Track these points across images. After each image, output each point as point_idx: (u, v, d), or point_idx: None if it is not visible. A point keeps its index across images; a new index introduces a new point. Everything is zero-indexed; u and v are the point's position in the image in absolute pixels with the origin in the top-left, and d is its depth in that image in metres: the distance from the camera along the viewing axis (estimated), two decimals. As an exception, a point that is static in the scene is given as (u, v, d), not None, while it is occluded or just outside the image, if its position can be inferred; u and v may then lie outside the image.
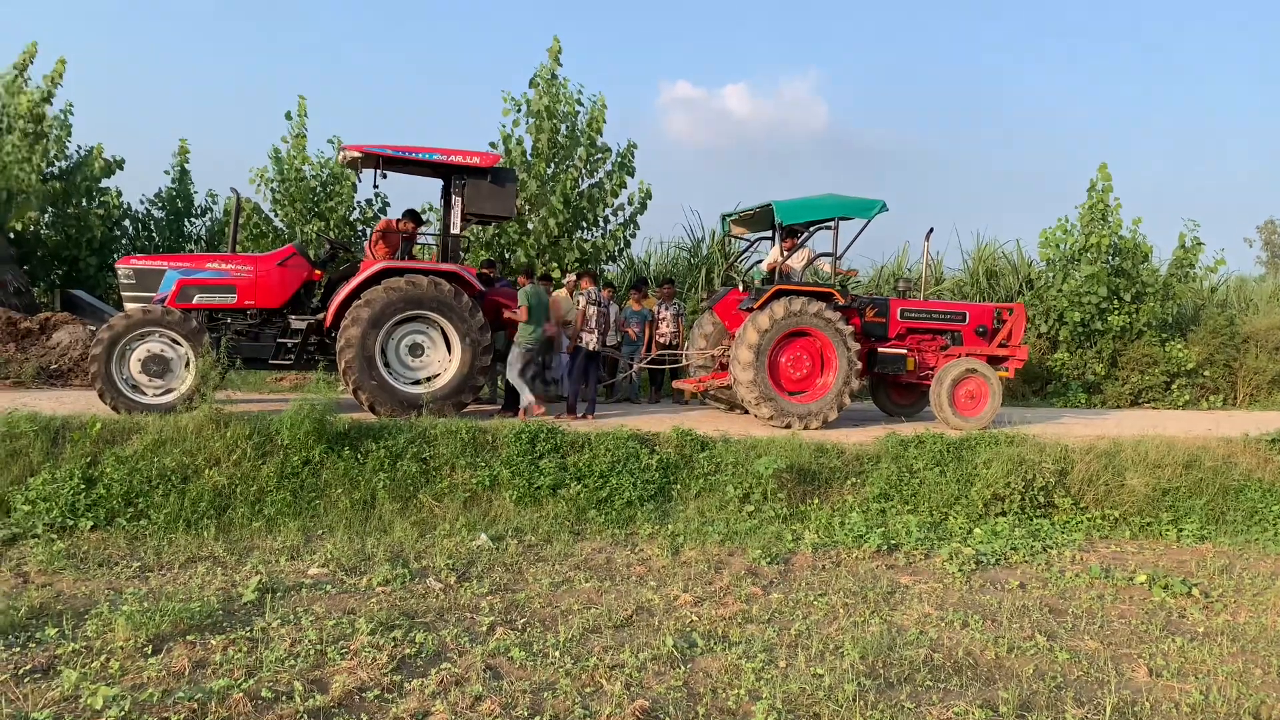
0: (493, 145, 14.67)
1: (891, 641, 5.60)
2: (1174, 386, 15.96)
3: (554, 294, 11.96)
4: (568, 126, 14.74)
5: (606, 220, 15.21)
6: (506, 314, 10.45)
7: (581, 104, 14.82)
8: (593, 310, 10.77)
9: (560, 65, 14.76)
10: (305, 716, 4.31)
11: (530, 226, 14.45)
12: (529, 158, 14.62)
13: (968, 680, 5.11)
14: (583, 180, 14.82)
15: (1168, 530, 8.92)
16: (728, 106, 70.09)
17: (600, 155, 14.94)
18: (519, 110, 14.70)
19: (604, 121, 14.81)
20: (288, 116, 15.33)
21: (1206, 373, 16.21)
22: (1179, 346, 15.99)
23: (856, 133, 72.08)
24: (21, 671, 4.70)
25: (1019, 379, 16.05)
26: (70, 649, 5.00)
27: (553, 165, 14.60)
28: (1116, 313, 15.95)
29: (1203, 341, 16.33)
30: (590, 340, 10.71)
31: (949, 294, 19.17)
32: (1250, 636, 6.05)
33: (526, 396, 10.32)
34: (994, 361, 11.48)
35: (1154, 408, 15.58)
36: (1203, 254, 17.20)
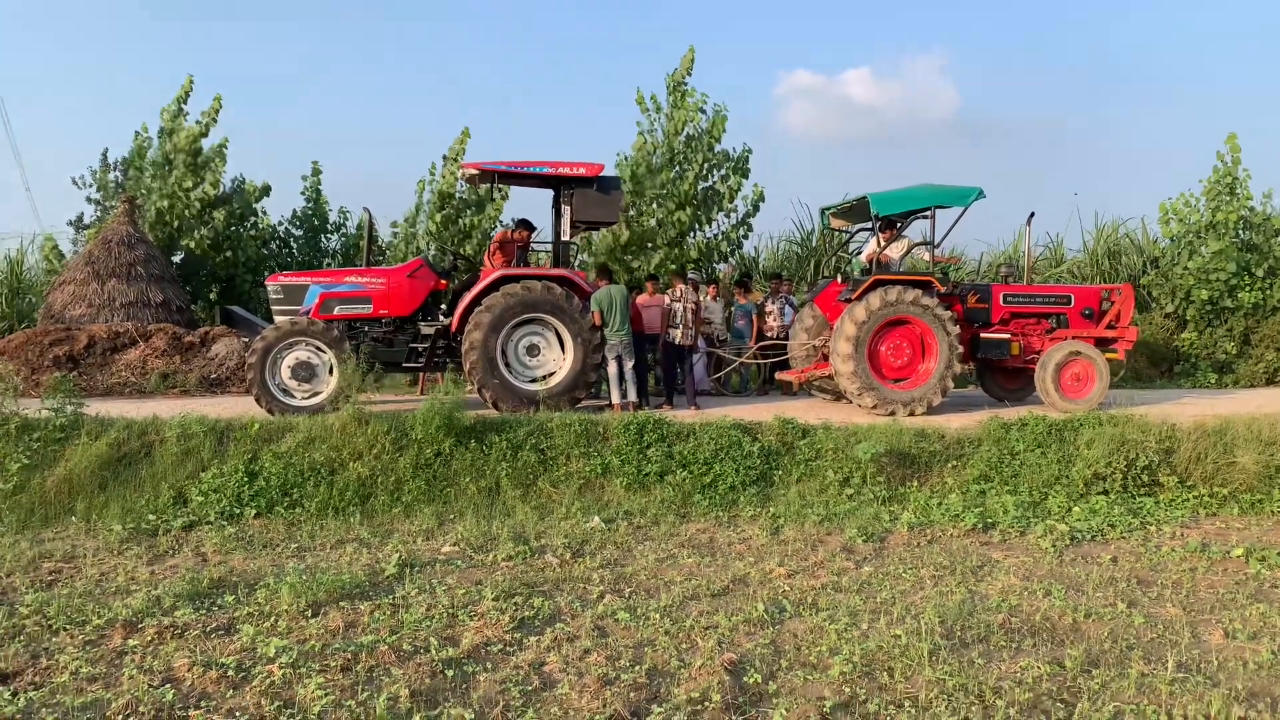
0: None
1: (972, 608, 5.95)
2: (1313, 364, 15.34)
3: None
4: (689, 134, 15.32)
5: (720, 221, 15.75)
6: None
7: (704, 111, 15.38)
8: (678, 307, 11.46)
9: (690, 75, 15.41)
10: (440, 664, 5.02)
11: (656, 221, 15.05)
12: (655, 159, 15.27)
13: (1041, 641, 5.44)
14: (699, 184, 15.36)
15: (1278, 506, 8.83)
16: (849, 93, 69.20)
17: (716, 161, 15.46)
18: (656, 110, 15.43)
19: (724, 130, 15.30)
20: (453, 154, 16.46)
21: (1351, 348, 15.50)
22: (1317, 321, 15.35)
23: (986, 112, 69.99)
24: (209, 629, 5.61)
25: (1145, 360, 15.78)
26: (245, 611, 5.89)
27: (677, 168, 15.18)
28: (1248, 289, 15.45)
29: (1344, 315, 15.62)
30: (675, 335, 11.41)
31: (1069, 276, 18.87)
32: (1342, 605, 6.12)
33: (614, 394, 10.95)
34: (1102, 344, 11.45)
35: (1291, 386, 15.02)
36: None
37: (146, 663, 5.08)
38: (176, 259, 16.97)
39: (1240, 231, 15.65)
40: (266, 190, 17.38)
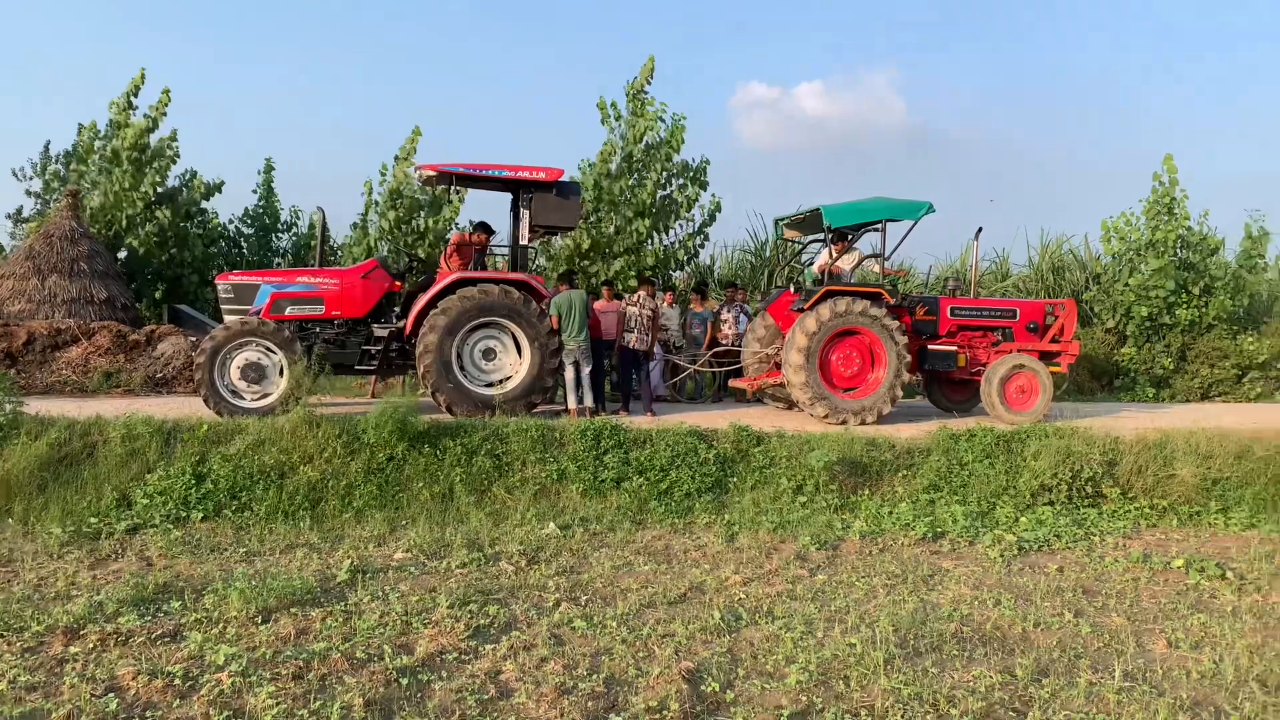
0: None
1: (925, 617, 6.04)
2: (1246, 380, 15.85)
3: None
4: (648, 142, 15.34)
5: (678, 230, 15.79)
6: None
7: (663, 120, 15.39)
8: (633, 311, 11.61)
9: (650, 84, 15.44)
10: (394, 673, 4.96)
11: (615, 229, 15.03)
12: (614, 166, 15.28)
13: (992, 650, 5.53)
14: (658, 192, 15.38)
15: (1215, 519, 9.10)
16: (803, 105, 69.86)
17: (674, 171, 15.48)
18: (616, 119, 15.43)
19: (682, 141, 15.32)
20: (403, 154, 16.26)
21: (1280, 365, 16.06)
22: (1250, 339, 15.89)
23: (935, 128, 71.21)
24: (154, 636, 5.47)
25: (1086, 374, 16.16)
26: (193, 618, 5.76)
27: (635, 176, 15.19)
28: (1185, 306, 15.93)
29: (1276, 333, 16.17)
30: (630, 339, 11.49)
31: (1014, 290, 19.26)
32: (1277, 615, 6.32)
33: (571, 400, 10.94)
34: (1046, 357, 11.71)
35: (1225, 401, 15.51)
36: (1271, 243, 17.06)
37: (89, 671, 4.94)
38: (122, 255, 16.57)
39: (1178, 250, 16.14)
40: (217, 188, 17.04)
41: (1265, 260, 17.35)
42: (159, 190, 16.29)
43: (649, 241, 15.20)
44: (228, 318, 10.53)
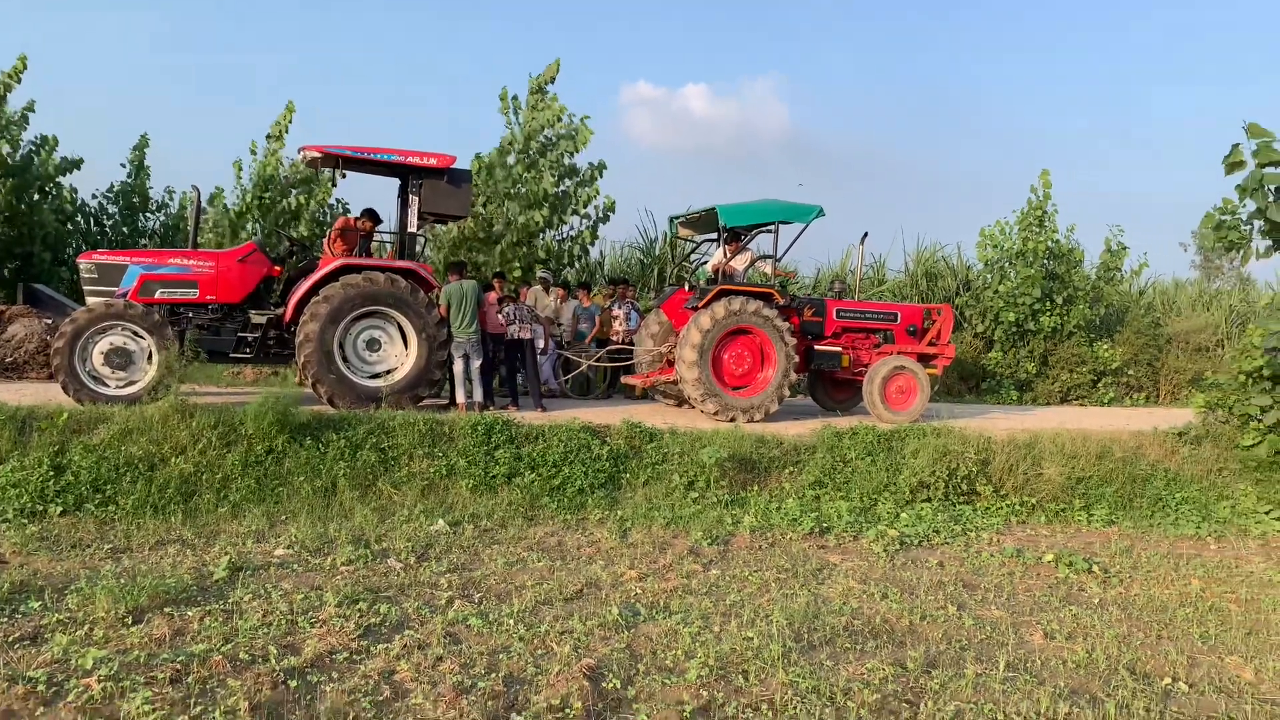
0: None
1: (817, 610, 6.15)
2: (1100, 385, 16.86)
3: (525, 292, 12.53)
4: (546, 138, 15.14)
5: (573, 224, 15.66)
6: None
7: (563, 119, 15.17)
8: (510, 308, 11.51)
9: (554, 82, 15.24)
10: (281, 674, 4.72)
11: (505, 221, 14.77)
12: (510, 158, 15.04)
13: (882, 643, 5.67)
14: (555, 186, 15.20)
15: (1079, 515, 9.61)
16: (689, 107, 70.70)
17: (566, 171, 15.32)
18: (515, 111, 15.17)
19: (586, 143, 15.17)
20: (276, 132, 15.51)
21: (1131, 371, 17.14)
22: (1105, 347, 16.90)
23: (816, 135, 73.18)
24: (11, 639, 5.05)
25: (955, 376, 16.84)
26: (55, 619, 5.35)
27: (530, 168, 14.96)
28: (1048, 314, 16.79)
29: (1127, 342, 17.26)
30: (514, 331, 11.44)
31: (889, 295, 19.91)
32: (1139, 606, 6.71)
33: (459, 394, 10.71)
34: (924, 359, 12.15)
35: (1081, 404, 16.43)
36: (1127, 258, 18.16)
37: (-63, 678, 4.53)
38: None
39: (1046, 260, 16.99)
40: (75, 164, 15.90)
41: (1121, 273, 18.46)
42: (8, 162, 15.11)
43: (542, 235, 15.04)
44: (90, 299, 9.87)
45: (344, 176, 10.59)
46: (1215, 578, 7.61)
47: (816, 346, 11.97)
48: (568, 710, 4.49)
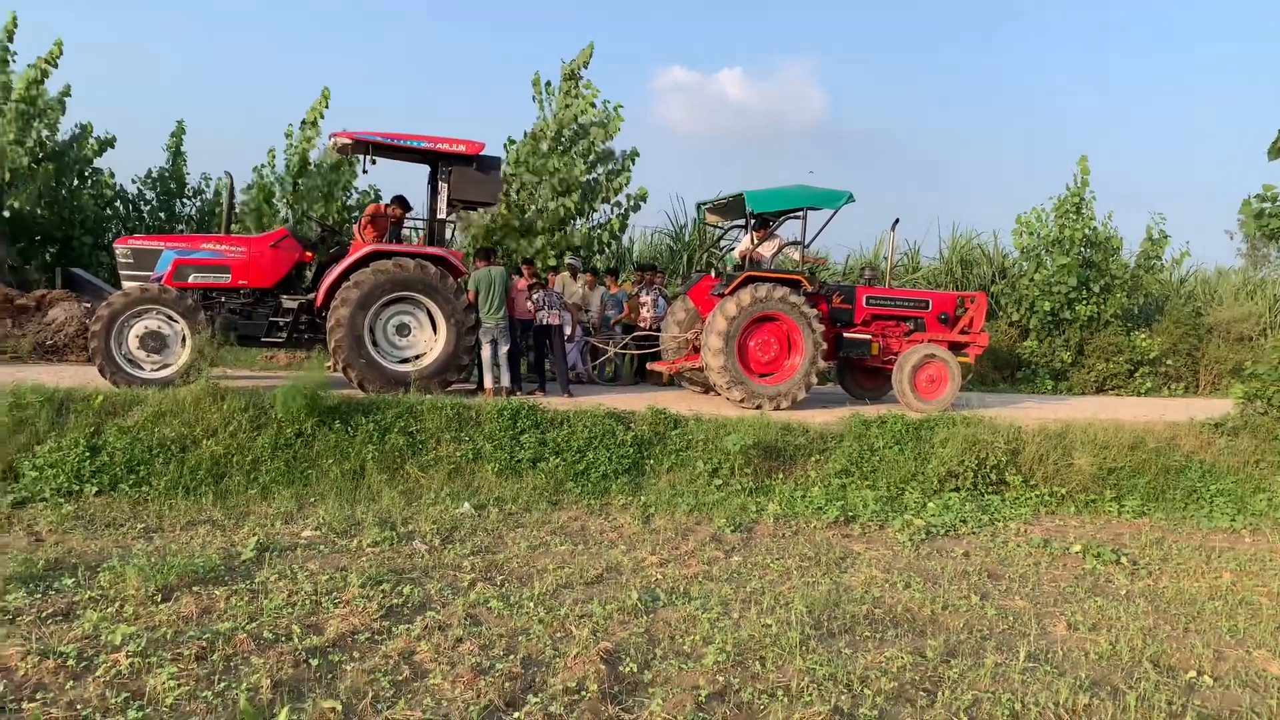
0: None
1: (838, 598, 6.13)
2: (1137, 374, 16.58)
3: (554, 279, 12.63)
4: (579, 124, 15.16)
5: (604, 212, 15.68)
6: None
7: (595, 105, 15.20)
8: (540, 293, 11.61)
9: (587, 68, 15.26)
10: (304, 653, 4.80)
11: (537, 208, 14.83)
12: (543, 145, 15.09)
13: (903, 632, 5.65)
14: (587, 175, 15.22)
15: (1110, 506, 9.49)
16: (723, 91, 70.35)
17: (599, 158, 15.33)
18: (548, 94, 15.22)
19: (618, 129, 15.19)
20: (310, 119, 15.64)
21: (1169, 361, 16.83)
22: (1143, 336, 16.61)
23: (851, 120, 72.53)
24: (44, 614, 5.19)
25: (989, 365, 16.65)
26: (87, 596, 5.48)
27: (564, 154, 15.00)
28: (1085, 303, 16.53)
29: (1166, 331, 16.96)
30: (544, 317, 11.54)
31: (924, 282, 19.72)
32: (1167, 598, 6.62)
33: (487, 379, 10.77)
34: (956, 348, 12.02)
35: (1118, 394, 16.18)
36: (1169, 246, 17.82)
37: (-28, 651, 4.66)
38: (5, 215, 15.59)
39: (1083, 248, 16.72)
40: (110, 143, 16.15)
41: (1161, 262, 18.12)
42: (48, 146, 15.37)
43: (574, 222, 15.07)
44: (126, 284, 10.05)
45: (374, 163, 10.65)
46: (1248, 571, 7.47)
47: (845, 334, 11.89)
48: (583, 692, 4.52)
